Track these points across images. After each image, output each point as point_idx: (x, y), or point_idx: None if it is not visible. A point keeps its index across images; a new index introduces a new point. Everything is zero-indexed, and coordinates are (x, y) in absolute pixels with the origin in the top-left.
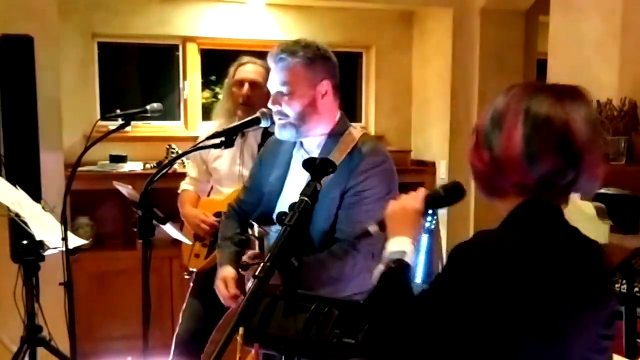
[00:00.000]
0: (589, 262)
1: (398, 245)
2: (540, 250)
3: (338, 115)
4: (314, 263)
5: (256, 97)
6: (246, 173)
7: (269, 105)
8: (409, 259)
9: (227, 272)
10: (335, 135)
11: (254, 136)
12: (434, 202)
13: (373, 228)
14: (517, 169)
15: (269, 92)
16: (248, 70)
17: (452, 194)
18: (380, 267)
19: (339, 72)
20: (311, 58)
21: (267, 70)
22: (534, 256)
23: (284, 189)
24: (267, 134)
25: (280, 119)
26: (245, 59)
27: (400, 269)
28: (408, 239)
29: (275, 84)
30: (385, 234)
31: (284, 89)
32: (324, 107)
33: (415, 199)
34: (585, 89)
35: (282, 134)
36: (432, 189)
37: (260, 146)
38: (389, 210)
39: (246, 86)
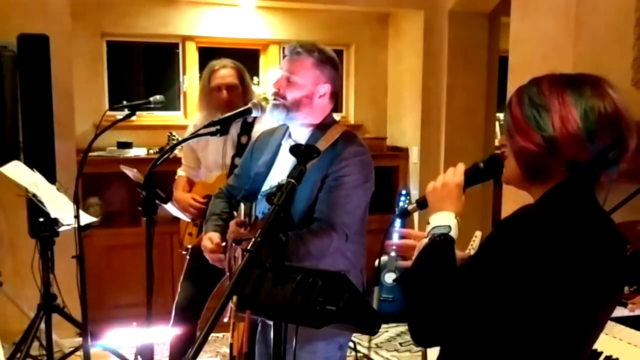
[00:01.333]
0: (619, 244)
1: (442, 219)
2: (586, 227)
3: (327, 114)
4: (295, 238)
5: (234, 97)
6: (228, 160)
7: (273, 85)
8: (453, 234)
9: (212, 233)
10: (321, 128)
11: (234, 128)
12: (473, 176)
13: (412, 207)
14: (575, 145)
15: (244, 87)
16: (222, 75)
17: (491, 167)
18: (424, 241)
19: (339, 82)
20: (323, 61)
21: (238, 68)
22: (576, 233)
23: (270, 172)
24: (246, 125)
25: (275, 99)
26: (217, 64)
27: (445, 242)
28: (452, 214)
29: (284, 69)
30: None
31: (290, 76)
32: (318, 105)
33: (455, 174)
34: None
35: (273, 113)
36: (471, 165)
37: (239, 136)
38: (430, 188)
39: (224, 92)
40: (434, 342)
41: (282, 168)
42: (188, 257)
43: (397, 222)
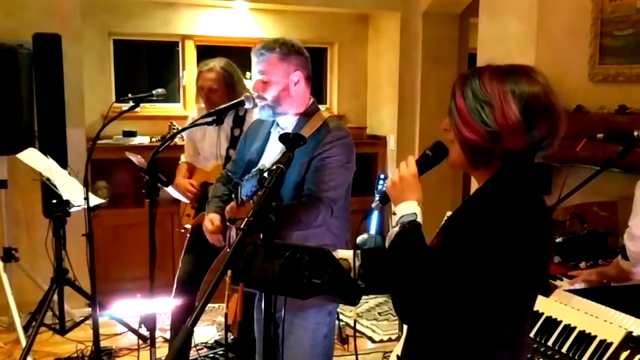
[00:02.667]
0: (549, 219)
1: (407, 208)
2: (539, 204)
3: (310, 100)
4: (287, 207)
5: (215, 97)
6: (223, 151)
7: (252, 89)
8: (419, 219)
9: (213, 215)
10: (306, 115)
11: (227, 122)
12: (424, 163)
13: (376, 204)
14: (516, 136)
15: (227, 90)
16: (205, 78)
17: (437, 152)
18: (395, 229)
19: (310, 65)
20: (286, 53)
21: (224, 72)
22: (538, 210)
23: (261, 158)
24: (238, 118)
25: (260, 101)
26: (204, 65)
27: (414, 228)
28: (414, 202)
29: (256, 73)
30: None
31: (263, 77)
32: (296, 92)
33: (409, 166)
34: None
35: (262, 113)
36: (420, 154)
37: (232, 129)
38: (389, 184)
39: (205, 93)
40: (418, 318)
41: (271, 154)
42: (189, 234)
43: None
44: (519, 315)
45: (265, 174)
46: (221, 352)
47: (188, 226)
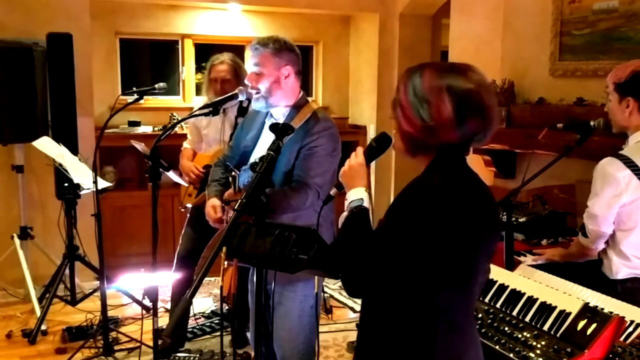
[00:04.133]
0: (488, 195)
1: (355, 194)
2: (466, 189)
3: (300, 93)
4: (279, 192)
5: (228, 87)
6: (226, 137)
7: (246, 81)
8: (366, 204)
9: (214, 201)
10: (296, 107)
11: (232, 111)
12: (371, 153)
13: (333, 191)
14: (448, 131)
15: (237, 81)
16: (219, 69)
17: (381, 143)
18: (344, 214)
19: (300, 61)
20: (278, 48)
21: (234, 64)
22: (464, 195)
23: (256, 146)
24: (242, 109)
25: (254, 93)
26: (217, 59)
27: (360, 212)
28: (361, 188)
29: (251, 66)
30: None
31: (257, 70)
32: (287, 85)
33: (357, 156)
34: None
35: (256, 104)
36: (367, 145)
37: (236, 118)
38: (341, 173)
39: (219, 84)
40: (363, 293)
41: (265, 143)
42: (189, 213)
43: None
44: (453, 288)
45: (257, 160)
46: (217, 321)
47: (189, 205)
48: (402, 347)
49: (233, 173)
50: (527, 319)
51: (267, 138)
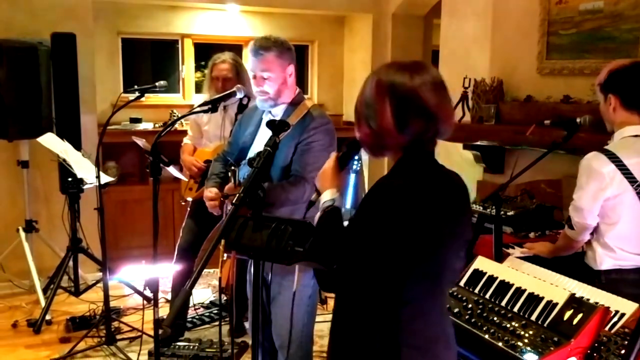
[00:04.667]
0: (456, 187)
1: (327, 196)
2: (428, 186)
3: (296, 90)
4: (277, 187)
5: (229, 85)
6: (227, 133)
7: (253, 86)
8: (337, 203)
9: (212, 188)
10: (293, 104)
11: (232, 108)
12: (343, 157)
13: (314, 196)
14: (392, 135)
15: (238, 79)
16: (220, 68)
17: (351, 147)
18: (318, 214)
19: (294, 57)
20: (280, 50)
21: (235, 63)
22: (425, 192)
23: (254, 141)
24: (242, 107)
25: (261, 95)
26: (218, 58)
27: (332, 211)
28: (333, 190)
29: (256, 70)
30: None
31: (264, 74)
32: (291, 83)
33: (329, 162)
34: (425, 62)
35: (263, 104)
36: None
37: (236, 115)
38: (316, 178)
39: (221, 82)
40: (334, 287)
41: (263, 139)
42: (189, 207)
43: (353, 177)
44: (419, 279)
45: (255, 156)
46: (216, 311)
47: (189, 199)
48: (371, 335)
49: (233, 168)
50: (516, 309)
51: (264, 134)
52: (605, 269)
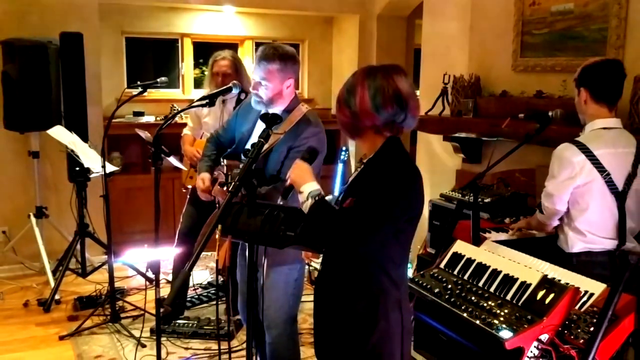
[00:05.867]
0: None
1: (311, 187)
2: (412, 167)
3: (293, 96)
4: (272, 190)
5: (228, 82)
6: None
7: (250, 88)
8: (322, 192)
9: (204, 175)
10: (288, 110)
11: (231, 102)
12: (311, 154)
13: (283, 202)
14: (369, 116)
15: (237, 75)
16: (221, 64)
17: (311, 155)
18: (308, 203)
19: (299, 68)
20: (284, 63)
21: (235, 60)
22: (412, 170)
23: (250, 137)
24: (239, 101)
25: (256, 98)
26: (219, 55)
27: (323, 199)
28: (313, 182)
29: (256, 76)
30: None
31: (262, 82)
32: (287, 94)
33: (300, 162)
34: (401, 66)
35: (256, 106)
36: None
37: (234, 108)
38: (292, 177)
39: (221, 77)
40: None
41: (258, 134)
42: (189, 195)
43: (340, 166)
44: (398, 244)
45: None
46: (213, 291)
47: (190, 186)
48: (353, 291)
49: (223, 163)
50: (492, 289)
51: (260, 129)
52: (576, 251)
